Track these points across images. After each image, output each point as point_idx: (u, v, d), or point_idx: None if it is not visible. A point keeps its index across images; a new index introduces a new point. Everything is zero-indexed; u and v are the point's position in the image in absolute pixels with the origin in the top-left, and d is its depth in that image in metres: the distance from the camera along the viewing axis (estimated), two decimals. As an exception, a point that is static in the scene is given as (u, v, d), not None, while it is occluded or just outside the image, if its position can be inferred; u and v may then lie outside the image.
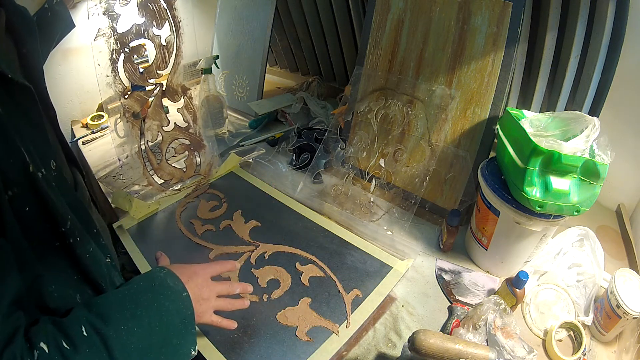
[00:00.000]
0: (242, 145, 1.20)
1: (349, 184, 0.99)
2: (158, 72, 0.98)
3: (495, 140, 0.79)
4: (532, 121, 0.69)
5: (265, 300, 0.71)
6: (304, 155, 1.07)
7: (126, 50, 0.88)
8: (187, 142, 1.03)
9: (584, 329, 0.64)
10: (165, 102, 1.52)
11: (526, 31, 0.88)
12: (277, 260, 0.79)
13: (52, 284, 0.41)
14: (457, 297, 0.71)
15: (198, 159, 1.04)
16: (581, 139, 0.60)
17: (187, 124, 1.04)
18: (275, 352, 0.63)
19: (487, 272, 0.77)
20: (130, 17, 0.89)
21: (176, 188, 1.02)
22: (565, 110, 0.88)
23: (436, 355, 0.52)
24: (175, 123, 1.01)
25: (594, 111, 0.86)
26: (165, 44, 0.95)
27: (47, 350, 0.36)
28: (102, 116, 1.35)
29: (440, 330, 0.66)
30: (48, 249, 0.41)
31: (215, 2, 1.42)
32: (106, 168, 1.11)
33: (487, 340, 0.60)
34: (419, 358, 0.54)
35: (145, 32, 0.92)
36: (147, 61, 1.44)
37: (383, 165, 0.95)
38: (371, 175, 0.97)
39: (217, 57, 1.26)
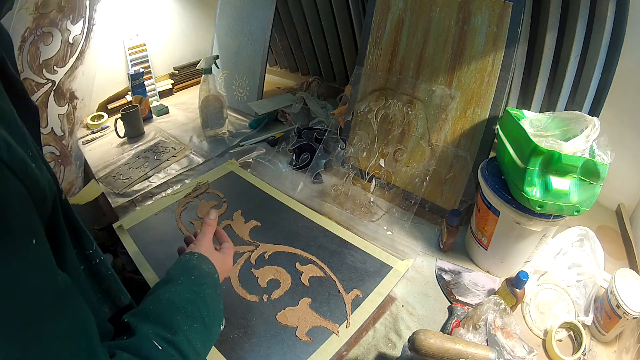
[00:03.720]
0: (242, 145, 1.20)
1: (349, 184, 0.99)
2: (55, 67, 0.93)
3: (495, 140, 0.79)
4: (532, 121, 0.69)
5: (265, 300, 0.71)
6: (304, 155, 1.07)
7: (38, 33, 0.84)
8: (57, 152, 0.99)
9: (584, 329, 0.64)
10: (165, 102, 1.51)
11: (526, 31, 0.88)
12: (277, 260, 0.79)
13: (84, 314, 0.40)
14: (457, 297, 0.71)
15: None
16: (581, 139, 0.60)
17: (62, 134, 1.00)
18: (275, 352, 0.63)
19: (487, 272, 0.77)
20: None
21: (176, 188, 1.02)
22: (565, 110, 0.88)
23: (436, 355, 0.52)
24: (52, 128, 0.96)
25: (594, 111, 0.86)
26: (71, 42, 0.91)
27: None
28: (102, 116, 1.35)
29: (440, 330, 0.66)
30: (77, 275, 0.40)
31: (215, 2, 1.42)
32: (106, 168, 1.11)
33: (487, 340, 0.60)
34: (419, 358, 0.54)
35: (60, 22, 0.88)
36: (147, 61, 1.44)
37: (383, 165, 0.95)
38: (371, 175, 0.97)
39: (217, 57, 1.26)
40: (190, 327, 0.43)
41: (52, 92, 0.94)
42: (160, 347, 0.39)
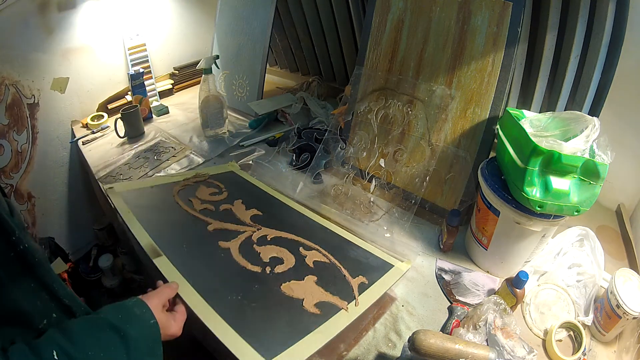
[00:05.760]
0: (242, 145, 1.20)
1: (349, 184, 0.99)
2: (11, 174, 1.08)
3: (495, 140, 0.79)
4: (532, 121, 0.69)
5: (268, 272, 0.65)
6: (304, 156, 1.07)
7: None
8: None
9: (584, 329, 0.64)
10: (165, 102, 1.52)
11: (526, 31, 0.88)
12: (280, 243, 0.74)
13: (19, 296, 0.44)
14: (457, 297, 0.71)
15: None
16: (581, 139, 0.60)
17: (26, 225, 1.15)
18: (282, 318, 0.58)
19: (487, 272, 0.77)
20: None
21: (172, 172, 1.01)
22: (565, 110, 0.88)
23: (436, 355, 0.52)
24: None
25: (594, 111, 0.86)
26: (20, 151, 1.02)
27: None
28: (102, 116, 1.35)
29: (440, 330, 0.66)
30: (5, 260, 0.44)
31: (215, 2, 1.42)
32: (106, 168, 1.11)
33: (487, 340, 0.60)
34: (419, 358, 0.54)
35: (7, 134, 1.00)
36: (147, 61, 1.44)
37: (383, 165, 0.95)
38: (371, 175, 0.97)
39: (217, 57, 1.26)
40: (95, 354, 0.44)
41: (13, 193, 1.12)
42: (56, 357, 0.41)
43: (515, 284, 0.64)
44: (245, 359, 0.51)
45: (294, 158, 1.10)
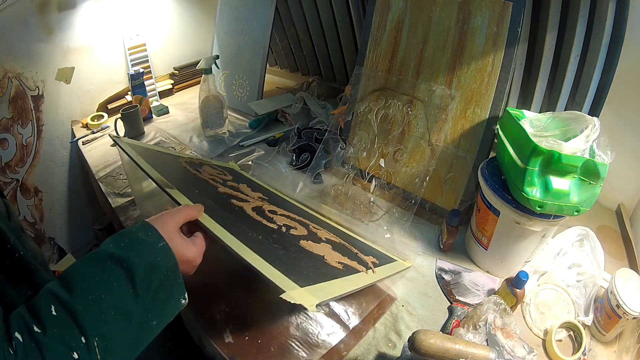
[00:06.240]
0: (242, 145, 1.20)
1: (349, 184, 0.99)
2: (16, 168, 1.07)
3: (495, 140, 0.79)
4: (532, 121, 0.69)
5: (284, 231, 0.63)
6: (304, 156, 1.07)
7: None
8: (32, 235, 1.15)
9: (584, 329, 0.63)
10: (165, 102, 1.52)
11: (526, 31, 0.88)
12: (290, 219, 0.73)
13: (15, 302, 0.41)
14: (457, 297, 0.71)
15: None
16: (581, 139, 0.60)
17: (34, 220, 1.17)
18: (306, 261, 0.55)
19: (487, 272, 0.77)
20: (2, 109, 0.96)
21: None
22: (565, 110, 0.88)
23: (436, 355, 0.52)
24: (24, 216, 1.13)
25: (594, 111, 0.86)
26: (25, 144, 1.02)
27: (21, 340, 0.34)
28: (102, 116, 1.35)
29: (440, 330, 0.66)
30: (1, 268, 0.41)
31: (215, 2, 1.42)
32: (106, 168, 1.11)
33: (487, 340, 0.60)
34: (419, 358, 0.54)
35: (11, 128, 1.00)
36: (147, 61, 1.44)
37: (383, 165, 0.95)
38: (371, 175, 0.97)
39: (217, 57, 1.26)
40: (96, 298, 0.38)
41: (18, 188, 1.11)
42: (55, 312, 0.36)
43: (515, 284, 0.64)
44: (278, 280, 0.45)
45: (294, 158, 1.10)
